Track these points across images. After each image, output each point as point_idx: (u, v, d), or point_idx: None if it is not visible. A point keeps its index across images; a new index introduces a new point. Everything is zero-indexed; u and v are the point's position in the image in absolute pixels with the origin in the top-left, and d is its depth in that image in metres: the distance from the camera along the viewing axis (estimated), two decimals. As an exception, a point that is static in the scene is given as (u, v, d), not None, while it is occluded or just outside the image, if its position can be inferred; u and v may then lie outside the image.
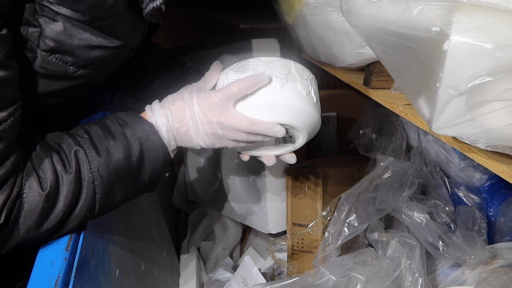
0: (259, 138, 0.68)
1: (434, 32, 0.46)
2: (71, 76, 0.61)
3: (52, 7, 0.55)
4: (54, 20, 0.56)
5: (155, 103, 0.67)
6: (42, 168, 0.55)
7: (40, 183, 0.54)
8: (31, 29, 0.56)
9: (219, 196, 1.19)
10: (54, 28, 0.56)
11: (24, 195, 0.53)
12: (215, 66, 0.70)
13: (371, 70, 0.82)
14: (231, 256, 1.24)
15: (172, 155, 0.67)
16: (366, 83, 0.84)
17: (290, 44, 1.03)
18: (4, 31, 0.50)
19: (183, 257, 1.17)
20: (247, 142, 0.68)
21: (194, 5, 1.20)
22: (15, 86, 0.53)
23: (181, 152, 1.24)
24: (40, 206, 0.53)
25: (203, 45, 1.18)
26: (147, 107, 0.67)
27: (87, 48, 0.59)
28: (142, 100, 0.86)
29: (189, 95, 0.66)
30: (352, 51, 0.83)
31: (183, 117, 0.65)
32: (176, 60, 0.88)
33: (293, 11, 0.89)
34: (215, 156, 1.17)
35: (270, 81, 0.65)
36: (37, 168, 0.55)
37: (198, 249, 1.26)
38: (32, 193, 0.53)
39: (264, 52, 0.97)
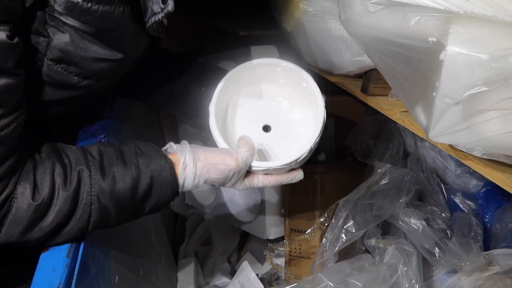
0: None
1: (431, 42, 0.47)
2: (75, 86, 0.62)
3: (61, 18, 0.55)
4: (62, 31, 0.56)
5: (189, 183, 0.65)
6: (41, 177, 0.54)
7: (34, 192, 0.53)
8: (40, 38, 0.57)
9: (217, 201, 1.19)
10: (61, 39, 0.57)
11: (15, 200, 0.52)
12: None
13: (369, 77, 0.83)
14: (228, 261, 1.24)
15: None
16: (364, 90, 0.84)
17: (289, 51, 1.04)
18: (15, 40, 0.51)
19: (181, 262, 1.17)
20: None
21: (193, 12, 1.21)
22: (20, 92, 0.54)
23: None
24: (28, 216, 0.52)
25: (202, 51, 1.19)
26: (181, 159, 0.64)
27: (92, 60, 0.60)
28: (148, 102, 0.87)
29: (226, 181, 0.68)
30: (350, 58, 0.84)
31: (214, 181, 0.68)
32: (175, 56, 0.88)
33: (292, 19, 0.89)
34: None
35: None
36: (37, 175, 0.54)
37: (196, 254, 1.26)
38: (23, 200, 0.52)
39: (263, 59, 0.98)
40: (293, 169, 0.76)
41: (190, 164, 0.64)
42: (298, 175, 0.75)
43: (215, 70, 0.87)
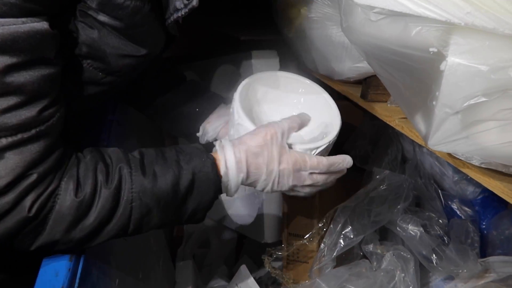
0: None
1: (431, 52, 0.48)
2: (99, 82, 0.62)
3: (93, 14, 0.56)
4: (91, 27, 0.57)
5: (231, 159, 0.62)
6: (84, 174, 0.53)
7: (77, 189, 0.52)
8: (69, 34, 0.57)
9: (215, 204, 1.19)
10: (89, 35, 0.57)
11: (58, 196, 0.51)
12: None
13: (368, 84, 0.84)
14: (226, 264, 1.24)
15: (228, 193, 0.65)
16: (363, 96, 0.85)
17: (289, 56, 1.04)
18: (55, 31, 0.51)
19: (179, 264, 1.17)
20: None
21: (196, 17, 1.21)
22: (60, 83, 0.54)
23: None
24: (71, 213, 0.52)
25: (203, 55, 1.19)
26: (217, 144, 0.64)
27: (118, 56, 0.61)
28: (143, 112, 0.87)
29: (269, 153, 0.64)
30: (350, 65, 0.84)
31: (259, 177, 0.64)
32: (177, 73, 0.89)
33: (293, 25, 0.90)
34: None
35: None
36: (80, 172, 0.53)
37: (194, 257, 1.26)
38: (66, 196, 0.51)
39: (263, 63, 0.99)
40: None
41: (226, 142, 0.64)
42: (348, 158, 0.72)
43: (211, 94, 0.87)
